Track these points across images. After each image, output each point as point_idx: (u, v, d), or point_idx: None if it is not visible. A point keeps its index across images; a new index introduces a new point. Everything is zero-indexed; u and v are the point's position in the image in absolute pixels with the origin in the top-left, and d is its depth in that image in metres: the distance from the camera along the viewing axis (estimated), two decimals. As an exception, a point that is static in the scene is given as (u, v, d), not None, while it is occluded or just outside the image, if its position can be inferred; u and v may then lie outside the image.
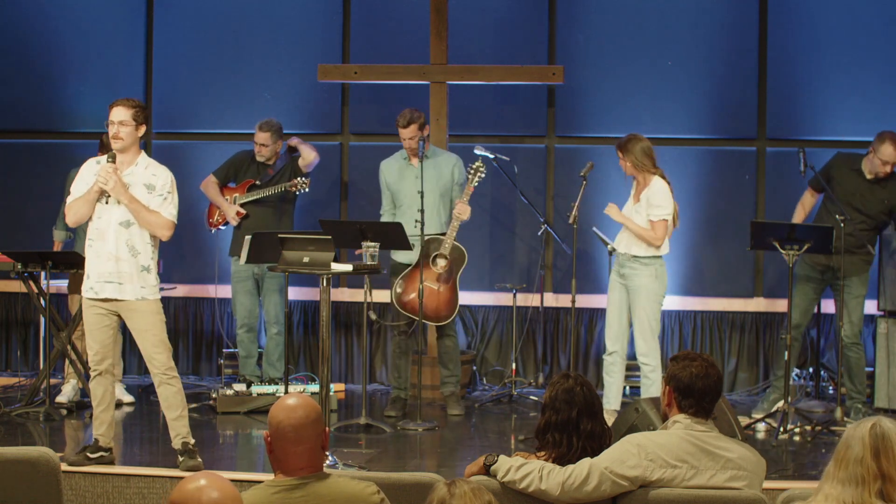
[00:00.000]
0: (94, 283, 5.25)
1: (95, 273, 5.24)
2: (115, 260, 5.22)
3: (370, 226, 6.32)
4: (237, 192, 7.42)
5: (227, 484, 2.43)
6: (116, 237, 5.23)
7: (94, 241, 5.26)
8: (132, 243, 5.25)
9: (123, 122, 5.20)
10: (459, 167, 7.01)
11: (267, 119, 7.46)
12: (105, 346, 5.28)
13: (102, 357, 5.27)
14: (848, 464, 2.86)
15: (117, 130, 5.19)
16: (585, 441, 3.74)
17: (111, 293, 5.24)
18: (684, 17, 7.97)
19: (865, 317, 7.69)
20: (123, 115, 5.20)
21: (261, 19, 8.28)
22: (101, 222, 5.24)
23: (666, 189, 6.41)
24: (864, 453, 2.84)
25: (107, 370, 5.28)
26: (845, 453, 2.87)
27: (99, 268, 5.23)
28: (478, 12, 8.08)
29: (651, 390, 6.38)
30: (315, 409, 3.07)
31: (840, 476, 2.86)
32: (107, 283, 5.23)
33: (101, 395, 5.29)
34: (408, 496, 3.44)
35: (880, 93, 7.76)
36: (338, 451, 5.69)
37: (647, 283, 6.41)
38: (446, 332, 6.99)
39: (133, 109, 5.22)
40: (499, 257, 8.17)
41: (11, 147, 8.48)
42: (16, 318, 8.45)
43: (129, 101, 5.28)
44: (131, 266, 5.24)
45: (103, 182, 5.16)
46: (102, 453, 5.28)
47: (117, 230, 5.23)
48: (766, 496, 3.50)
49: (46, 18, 8.39)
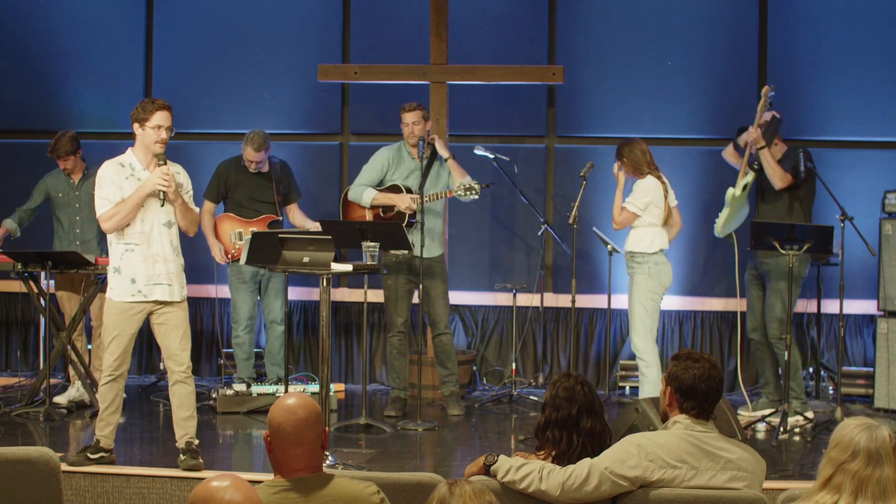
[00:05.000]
0: (143, 287, 5.25)
1: (144, 276, 5.25)
2: (163, 261, 5.28)
3: (370, 226, 6.31)
4: (255, 226, 7.18)
5: (250, 487, 2.46)
6: (161, 239, 5.29)
7: (137, 245, 5.26)
8: (175, 243, 5.36)
9: (171, 127, 5.30)
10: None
11: (255, 134, 7.16)
12: (127, 352, 5.31)
13: (122, 362, 5.29)
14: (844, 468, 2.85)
15: (167, 135, 5.27)
16: (585, 439, 3.75)
17: (161, 295, 5.28)
18: (684, 17, 7.98)
19: (865, 317, 7.71)
20: (170, 120, 5.31)
21: (261, 19, 8.28)
22: (146, 225, 5.27)
23: (648, 186, 6.55)
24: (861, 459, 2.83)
25: (122, 375, 5.31)
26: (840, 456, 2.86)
27: (147, 271, 5.25)
28: (478, 12, 8.08)
29: (647, 387, 6.46)
30: (315, 409, 3.07)
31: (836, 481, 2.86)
32: (156, 286, 5.27)
33: (111, 399, 5.30)
34: (408, 496, 3.44)
35: (880, 93, 7.77)
36: (338, 451, 5.69)
37: (641, 281, 6.54)
38: (441, 330, 6.99)
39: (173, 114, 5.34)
40: (499, 257, 8.17)
41: (11, 147, 8.48)
42: (16, 318, 8.45)
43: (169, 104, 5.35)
44: (177, 266, 5.35)
45: (166, 185, 5.20)
46: (103, 454, 5.29)
47: (161, 231, 5.29)
48: (766, 496, 3.50)
49: (46, 18, 8.39)
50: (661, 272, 6.56)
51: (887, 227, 7.18)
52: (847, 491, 2.82)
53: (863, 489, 2.80)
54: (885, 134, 7.77)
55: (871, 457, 2.82)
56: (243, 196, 7.30)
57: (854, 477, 2.81)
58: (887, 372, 7.08)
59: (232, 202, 7.33)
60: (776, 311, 6.65)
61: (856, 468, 2.81)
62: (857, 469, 2.81)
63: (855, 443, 2.83)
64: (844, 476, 2.83)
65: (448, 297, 7.06)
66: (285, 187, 7.38)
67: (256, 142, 7.15)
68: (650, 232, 6.58)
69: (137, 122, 5.28)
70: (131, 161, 5.33)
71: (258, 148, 7.14)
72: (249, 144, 7.17)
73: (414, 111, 6.89)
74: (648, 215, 6.58)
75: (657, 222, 6.58)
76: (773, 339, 6.72)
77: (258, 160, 7.21)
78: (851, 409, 7.10)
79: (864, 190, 7.56)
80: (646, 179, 6.59)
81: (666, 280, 6.61)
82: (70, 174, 7.21)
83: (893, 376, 7.06)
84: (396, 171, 6.96)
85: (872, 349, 7.53)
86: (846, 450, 2.84)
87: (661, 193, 6.58)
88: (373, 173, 6.97)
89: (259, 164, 7.24)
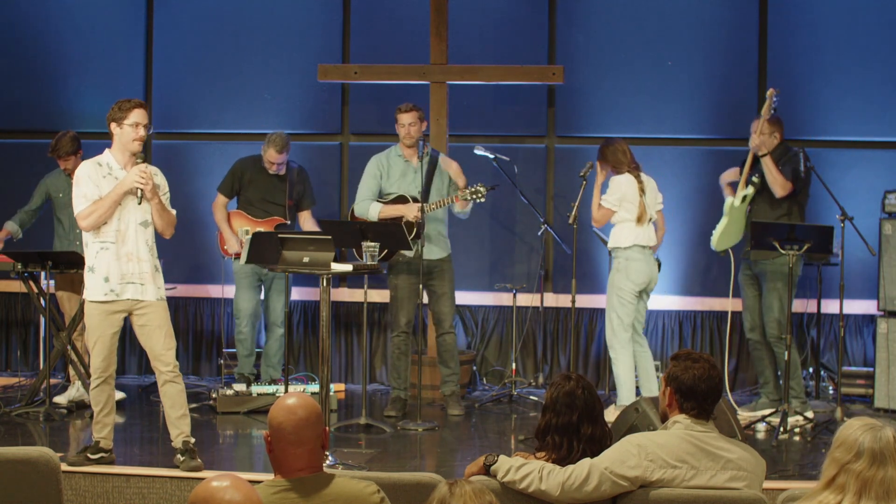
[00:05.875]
0: (115, 286, 5.24)
1: (117, 275, 5.23)
2: (136, 261, 5.26)
3: (370, 226, 6.31)
4: (262, 226, 7.19)
5: (249, 487, 2.46)
6: (136, 238, 5.27)
7: (111, 244, 5.24)
8: (150, 243, 5.33)
9: (147, 125, 5.30)
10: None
11: (277, 136, 7.19)
12: (112, 353, 5.30)
13: (108, 364, 5.28)
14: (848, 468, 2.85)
15: (144, 133, 5.27)
16: (586, 444, 3.75)
17: (133, 294, 5.26)
18: (684, 17, 7.98)
19: (865, 317, 7.71)
20: (147, 118, 5.31)
21: (261, 19, 8.28)
22: (122, 224, 5.25)
23: (620, 181, 6.71)
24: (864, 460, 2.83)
25: (111, 376, 5.31)
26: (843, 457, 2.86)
27: (120, 269, 5.24)
28: (478, 12, 8.08)
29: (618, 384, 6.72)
30: (315, 409, 3.07)
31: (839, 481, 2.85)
32: (129, 285, 5.25)
33: (104, 401, 5.31)
34: (408, 496, 3.44)
35: (880, 93, 7.77)
36: (338, 451, 5.69)
37: (612, 275, 6.80)
38: (445, 329, 6.99)
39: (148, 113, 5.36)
40: (499, 257, 8.17)
41: (11, 147, 8.48)
42: (16, 318, 8.45)
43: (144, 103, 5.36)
44: (150, 266, 5.31)
45: (143, 183, 5.19)
46: (103, 454, 5.29)
47: (137, 230, 5.27)
48: (766, 496, 3.50)
49: (46, 18, 8.39)
50: (630, 268, 6.66)
51: (887, 227, 7.18)
52: (851, 491, 2.81)
53: (867, 489, 2.80)
54: (885, 134, 7.77)
55: (875, 457, 2.81)
56: (255, 195, 7.32)
57: (858, 477, 2.81)
58: (887, 372, 7.08)
59: (243, 200, 7.35)
60: (774, 311, 6.66)
61: (860, 468, 2.81)
62: (860, 469, 2.81)
63: (859, 443, 2.83)
64: (848, 476, 2.82)
65: (454, 298, 7.07)
66: (299, 193, 7.39)
67: (279, 144, 7.17)
68: (625, 227, 6.72)
69: (114, 122, 5.28)
70: (109, 161, 5.31)
71: (280, 150, 7.17)
72: (272, 146, 7.19)
73: (410, 112, 6.88)
74: (623, 211, 6.71)
75: (631, 217, 6.70)
76: (772, 340, 6.73)
77: (280, 162, 7.23)
78: (851, 409, 7.10)
79: (864, 190, 7.56)
80: (620, 176, 6.73)
81: (636, 277, 6.66)
82: (70, 174, 7.21)
83: (893, 376, 7.06)
84: (389, 177, 6.95)
85: (872, 349, 7.52)
86: (850, 450, 2.83)
87: (634, 189, 6.69)
88: (371, 183, 6.97)
89: (279, 167, 7.26)
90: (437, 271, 6.92)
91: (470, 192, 6.74)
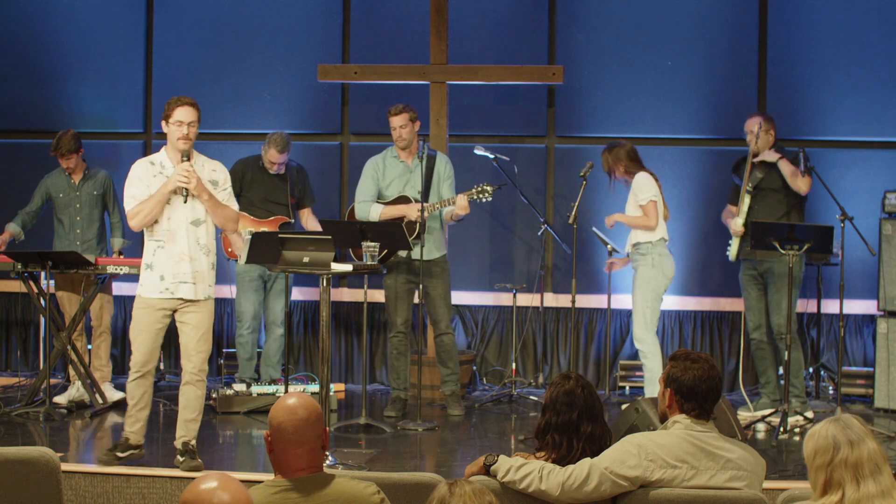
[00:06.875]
0: (170, 284, 5.26)
1: (171, 274, 5.26)
2: (189, 260, 5.28)
3: (370, 226, 6.31)
4: (267, 226, 7.21)
5: (238, 486, 2.44)
6: (188, 237, 5.28)
7: (164, 243, 5.27)
8: (203, 241, 5.34)
9: (193, 123, 5.28)
10: (448, 164, 6.99)
11: (278, 136, 7.20)
12: (155, 349, 5.32)
13: (149, 359, 5.29)
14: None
15: (188, 131, 5.26)
16: (586, 443, 3.75)
17: (185, 293, 5.28)
18: (684, 17, 7.98)
19: (865, 317, 7.71)
20: (194, 116, 5.30)
21: (261, 19, 8.28)
22: (172, 223, 5.27)
23: (647, 176, 6.70)
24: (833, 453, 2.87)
25: (150, 372, 5.32)
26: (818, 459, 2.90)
27: (173, 269, 5.26)
28: (478, 12, 8.08)
29: (650, 380, 6.61)
30: (315, 409, 3.07)
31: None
32: (182, 284, 5.27)
33: (139, 396, 5.32)
34: (408, 496, 3.44)
35: (880, 93, 7.77)
36: (338, 451, 5.69)
37: (644, 272, 6.67)
38: (442, 330, 6.99)
39: (199, 110, 5.34)
40: (499, 257, 8.17)
41: (11, 147, 8.48)
42: (16, 318, 8.45)
43: (193, 101, 5.35)
44: (204, 265, 5.33)
45: (186, 181, 5.19)
46: (133, 451, 5.31)
47: (188, 229, 5.29)
48: (766, 496, 3.50)
49: (46, 18, 8.39)
50: (664, 263, 6.66)
51: (887, 227, 7.18)
52: (847, 482, 2.85)
53: (860, 471, 2.85)
54: (885, 134, 7.77)
55: (852, 440, 2.88)
56: (257, 196, 7.32)
57: (847, 465, 2.86)
58: (887, 372, 7.08)
59: (245, 201, 7.32)
60: (783, 309, 6.65)
61: (844, 457, 2.86)
62: (845, 457, 2.86)
63: (832, 438, 2.89)
64: (839, 471, 2.86)
65: (449, 298, 7.05)
66: (300, 191, 7.40)
67: (280, 144, 7.18)
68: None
69: (164, 120, 5.32)
70: (162, 159, 5.35)
71: (282, 150, 7.18)
72: (273, 146, 7.20)
73: (400, 114, 6.85)
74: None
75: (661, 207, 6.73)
76: (778, 338, 6.72)
77: (281, 161, 7.24)
78: (851, 408, 7.10)
79: (864, 190, 7.56)
80: (640, 174, 6.73)
81: (669, 271, 6.68)
82: (71, 174, 7.21)
83: (893, 376, 7.06)
84: (385, 178, 6.95)
85: (872, 349, 7.53)
86: (827, 450, 2.89)
87: (656, 185, 6.74)
88: (368, 185, 6.96)
89: (280, 166, 7.27)
90: (431, 272, 6.90)
91: (476, 192, 6.75)
